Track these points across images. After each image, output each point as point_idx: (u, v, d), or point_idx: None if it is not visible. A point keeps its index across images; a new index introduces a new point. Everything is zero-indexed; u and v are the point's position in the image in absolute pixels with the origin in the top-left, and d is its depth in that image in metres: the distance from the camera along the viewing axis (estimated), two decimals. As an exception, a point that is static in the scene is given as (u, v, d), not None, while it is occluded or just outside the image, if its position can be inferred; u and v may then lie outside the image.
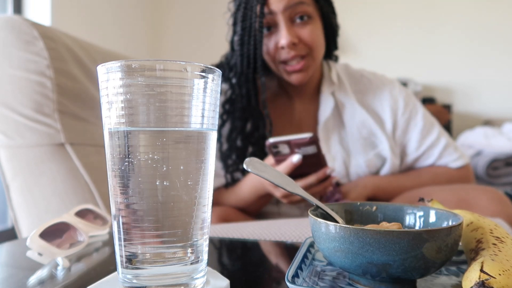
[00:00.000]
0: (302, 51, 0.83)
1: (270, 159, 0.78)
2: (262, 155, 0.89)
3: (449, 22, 2.80)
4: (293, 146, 0.72)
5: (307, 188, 0.75)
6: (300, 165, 0.73)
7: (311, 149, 0.72)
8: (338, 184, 0.89)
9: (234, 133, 0.90)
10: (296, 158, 0.72)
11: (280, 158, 0.75)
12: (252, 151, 0.90)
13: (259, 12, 0.80)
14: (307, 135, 0.70)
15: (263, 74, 0.88)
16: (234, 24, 0.87)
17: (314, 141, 0.71)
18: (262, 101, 0.87)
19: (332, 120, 0.93)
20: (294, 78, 0.85)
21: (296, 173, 0.74)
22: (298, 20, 0.82)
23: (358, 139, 0.92)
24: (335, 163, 0.92)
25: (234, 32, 0.88)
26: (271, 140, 0.73)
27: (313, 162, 0.74)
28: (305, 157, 0.72)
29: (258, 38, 0.82)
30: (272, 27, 0.83)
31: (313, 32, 0.82)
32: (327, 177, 0.76)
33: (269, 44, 0.84)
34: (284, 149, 0.73)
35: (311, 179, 0.74)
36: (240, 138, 0.90)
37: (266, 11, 0.81)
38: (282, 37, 0.80)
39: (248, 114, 0.89)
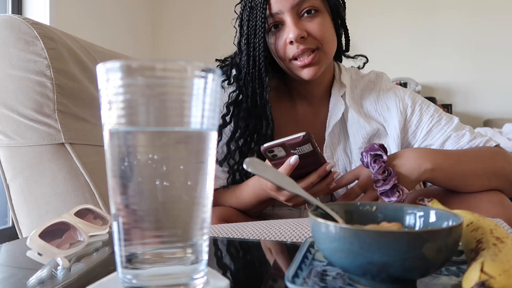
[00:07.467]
0: (312, 45, 0.81)
1: (268, 164, 0.77)
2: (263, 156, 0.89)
3: (450, 23, 2.80)
4: (288, 148, 0.71)
5: (309, 187, 0.74)
6: (299, 165, 0.72)
7: (307, 148, 0.71)
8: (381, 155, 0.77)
9: (237, 134, 0.89)
10: (293, 159, 0.71)
11: (277, 162, 0.74)
12: (254, 151, 0.88)
13: (264, 11, 0.81)
14: (300, 134, 0.70)
15: (269, 74, 0.88)
16: (241, 25, 0.87)
17: (308, 139, 0.70)
18: (265, 100, 0.87)
19: (339, 126, 0.92)
20: (305, 73, 0.83)
21: (297, 175, 0.74)
22: (305, 15, 0.81)
23: (361, 145, 0.90)
24: (335, 169, 0.90)
25: (241, 34, 0.87)
26: (265, 145, 0.72)
27: (312, 161, 0.73)
28: (302, 157, 0.72)
29: (262, 36, 0.82)
30: (280, 25, 0.83)
31: (321, 25, 0.81)
32: (328, 174, 0.75)
33: (278, 42, 0.83)
34: (280, 152, 0.72)
35: (312, 177, 0.74)
36: (243, 138, 0.89)
37: (273, 12, 0.81)
38: (290, 32, 0.80)
39: (252, 115, 0.89)
